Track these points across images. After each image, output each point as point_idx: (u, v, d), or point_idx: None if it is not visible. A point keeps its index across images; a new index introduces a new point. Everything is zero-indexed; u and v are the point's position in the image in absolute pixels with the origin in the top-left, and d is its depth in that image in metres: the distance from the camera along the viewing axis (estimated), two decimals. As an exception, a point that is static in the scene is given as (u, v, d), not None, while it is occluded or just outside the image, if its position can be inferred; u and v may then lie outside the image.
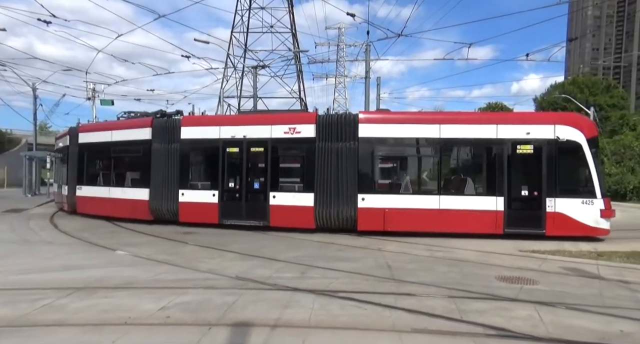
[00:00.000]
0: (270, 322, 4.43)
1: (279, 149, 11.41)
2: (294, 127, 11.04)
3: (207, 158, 12.32)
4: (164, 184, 12.07)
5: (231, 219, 11.42)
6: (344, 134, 10.75)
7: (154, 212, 12.30)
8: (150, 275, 6.47)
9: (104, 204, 13.22)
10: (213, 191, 11.63)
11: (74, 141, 14.54)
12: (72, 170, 14.63)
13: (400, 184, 10.95)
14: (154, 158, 12.26)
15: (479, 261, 7.95)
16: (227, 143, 11.58)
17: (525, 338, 4.13)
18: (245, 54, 33.51)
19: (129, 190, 12.87)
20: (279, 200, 11.07)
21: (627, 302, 5.43)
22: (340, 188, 10.68)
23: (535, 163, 10.21)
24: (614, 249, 9.01)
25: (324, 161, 10.77)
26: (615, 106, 42.12)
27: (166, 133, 12.22)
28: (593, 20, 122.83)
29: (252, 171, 11.55)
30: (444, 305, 5.09)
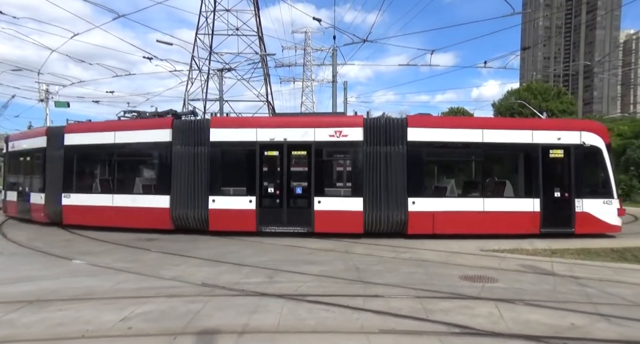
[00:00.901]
0: (237, 329, 4.36)
1: (324, 152, 11.05)
2: (340, 130, 10.75)
3: (241, 162, 11.57)
4: (190, 191, 11.11)
5: (271, 226, 10.88)
6: (392, 137, 10.71)
7: (176, 221, 11.28)
8: (110, 284, 6.18)
9: (105, 214, 11.71)
10: (250, 196, 10.95)
11: (56, 143, 12.61)
12: (52, 176, 12.63)
13: (447, 188, 11.09)
14: (175, 162, 11.22)
15: (443, 261, 8.19)
16: (266, 146, 10.98)
17: (487, 335, 4.30)
18: (211, 57, 32.89)
19: (142, 197, 11.59)
20: (325, 205, 10.72)
21: (577, 296, 5.77)
22: (389, 192, 10.61)
23: (565, 166, 10.91)
24: (565, 246, 9.56)
25: (372, 165, 10.64)
26: (565, 111, 44.81)
27: (191, 135, 11.26)
28: (544, 31, 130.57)
29: (293, 175, 11.07)
30: (411, 305, 5.21)
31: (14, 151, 14.90)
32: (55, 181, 12.62)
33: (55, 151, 12.68)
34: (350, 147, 10.85)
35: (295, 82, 53.68)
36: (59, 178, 12.49)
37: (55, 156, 12.63)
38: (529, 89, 47.14)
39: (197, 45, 32.33)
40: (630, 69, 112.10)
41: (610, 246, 9.65)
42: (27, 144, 14.01)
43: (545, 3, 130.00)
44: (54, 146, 12.74)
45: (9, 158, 15.44)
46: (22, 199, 14.01)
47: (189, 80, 31.08)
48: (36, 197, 13.25)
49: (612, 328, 4.51)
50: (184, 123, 11.64)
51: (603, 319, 4.78)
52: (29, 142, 13.90)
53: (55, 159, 12.61)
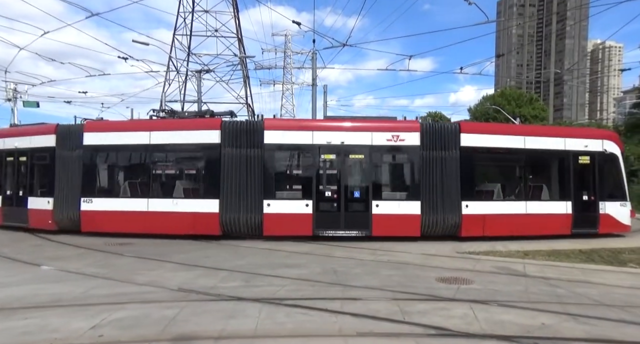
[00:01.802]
0: (214, 334, 4.29)
1: (381, 156, 11.13)
2: (397, 135, 10.85)
3: (297, 165, 11.38)
4: (242, 194, 10.71)
5: (328, 230, 10.73)
6: (447, 142, 10.97)
7: (225, 226, 10.84)
8: (80, 291, 5.96)
9: (137, 220, 10.90)
10: (306, 200, 10.75)
11: (70, 142, 11.57)
12: (65, 179, 11.52)
13: (493, 191, 11.42)
14: (225, 165, 10.78)
15: (421, 263, 8.30)
16: (323, 149, 10.87)
17: (462, 336, 4.38)
18: (189, 58, 32.40)
19: (186, 201, 10.99)
20: (383, 209, 10.74)
21: (548, 297, 5.96)
22: (444, 196, 10.80)
23: (590, 172, 11.75)
24: (537, 248, 9.87)
25: (429, 169, 10.82)
26: (537, 117, 46.41)
27: (242, 136, 10.86)
28: (517, 39, 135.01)
29: (351, 178, 11.11)
30: (388, 308, 5.25)
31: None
32: (69, 184, 11.50)
33: (68, 151, 11.59)
34: (407, 152, 11.07)
35: (275, 84, 53.48)
36: (76, 181, 11.44)
37: (68, 157, 11.56)
38: (503, 95, 48.60)
39: (174, 46, 31.75)
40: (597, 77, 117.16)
41: (579, 247, 10.01)
42: (24, 143, 12.42)
43: (518, 12, 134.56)
44: (66, 146, 11.64)
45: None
46: (14, 204, 12.46)
47: (166, 82, 30.47)
48: (39, 202, 11.90)
49: (580, 327, 4.68)
50: (235, 124, 11.18)
51: (571, 318, 4.95)
52: (27, 140, 12.37)
53: (70, 160, 11.54)
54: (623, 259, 8.91)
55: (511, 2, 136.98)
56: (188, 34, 32.31)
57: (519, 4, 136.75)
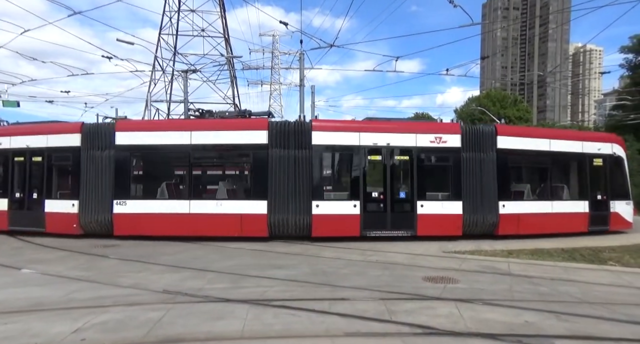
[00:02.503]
0: (201, 336, 4.26)
1: (425, 157, 11.28)
2: (440, 137, 11.10)
3: (344, 166, 11.37)
4: (290, 195, 10.64)
5: (375, 231, 10.83)
6: (485, 144, 11.32)
7: (273, 228, 10.72)
8: (62, 294, 5.84)
9: (179, 222, 10.64)
10: (354, 201, 10.78)
11: (98, 142, 11.09)
12: (93, 180, 11.01)
13: (524, 192, 11.86)
14: (272, 165, 10.67)
15: (408, 263, 8.38)
16: (370, 150, 10.96)
17: (447, 334, 4.44)
18: (175, 57, 32.06)
19: (232, 203, 10.76)
20: (427, 209, 10.94)
21: (531, 295, 6.08)
22: (483, 196, 11.15)
23: (602, 173, 12.60)
24: (521, 247, 10.05)
25: (469, 170, 11.14)
26: (521, 118, 47.28)
27: (290, 137, 10.79)
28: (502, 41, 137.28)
29: (396, 179, 11.16)
30: (376, 307, 5.29)
31: (3, 149, 11.97)
32: (98, 186, 11.01)
33: (97, 151, 11.08)
34: (449, 153, 11.22)
35: (263, 85, 53.28)
36: (107, 183, 10.99)
37: (97, 157, 11.07)
38: (488, 97, 49.37)
39: (160, 45, 31.42)
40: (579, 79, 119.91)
41: (561, 246, 10.23)
42: (38, 142, 11.67)
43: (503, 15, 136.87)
44: (95, 146, 11.12)
45: None
46: (25, 207, 11.67)
47: (151, 81, 30.11)
48: (59, 205, 11.27)
49: (561, 324, 4.79)
50: (282, 125, 11.06)
51: (553, 316, 5.06)
52: (42, 139, 11.64)
53: (99, 160, 11.05)
54: (603, 257, 9.14)
55: (496, 5, 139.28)
56: (174, 34, 31.99)
57: (503, 7, 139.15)
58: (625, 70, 33.54)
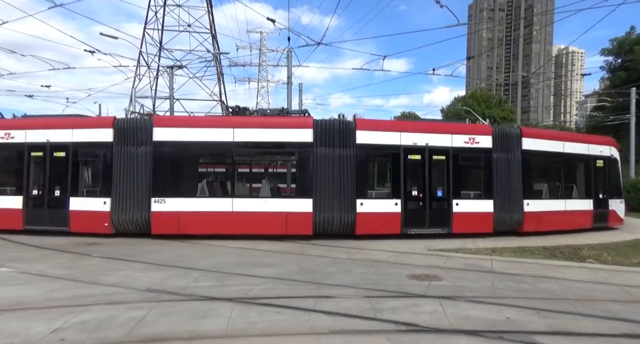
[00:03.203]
0: (185, 335, 4.21)
1: (460, 158, 11.49)
2: (473, 138, 11.50)
3: (386, 165, 11.55)
4: (335, 194, 10.69)
5: (414, 228, 11.07)
6: (512, 146, 11.82)
7: (318, 226, 10.72)
8: (42, 293, 5.70)
9: (221, 220, 10.45)
10: (395, 199, 10.97)
11: (133, 138, 10.72)
12: (127, 177, 10.68)
13: (542, 191, 12.56)
14: (318, 164, 10.69)
15: (394, 261, 8.44)
16: (409, 150, 11.17)
17: (431, 331, 4.49)
18: (160, 53, 31.58)
19: (277, 201, 10.70)
20: (462, 207, 11.27)
21: (513, 292, 6.20)
22: (511, 195, 11.62)
23: (603, 173, 13.53)
24: (504, 245, 10.24)
25: (499, 170, 11.59)
26: (505, 118, 48.08)
27: (335, 136, 10.85)
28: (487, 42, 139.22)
29: (434, 178, 11.36)
30: (361, 305, 5.31)
31: (17, 143, 11.22)
32: (134, 183, 10.67)
33: (132, 147, 10.72)
34: (481, 153, 11.60)
35: (250, 82, 52.85)
36: (144, 180, 10.65)
37: (132, 153, 10.71)
38: (473, 97, 50.04)
39: (145, 40, 30.93)
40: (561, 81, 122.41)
41: (543, 244, 10.46)
42: (61, 136, 11.05)
43: (488, 16, 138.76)
44: (129, 141, 10.75)
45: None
46: (45, 206, 11.04)
47: (136, 77, 29.62)
48: (88, 203, 10.81)
49: (542, 320, 4.89)
50: (327, 123, 11.05)
51: (534, 312, 5.17)
52: (66, 133, 11.03)
53: (134, 156, 10.70)
54: (582, 255, 9.38)
55: (482, 6, 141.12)
56: (159, 29, 31.53)
57: (489, 8, 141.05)
58: (605, 72, 34.36)
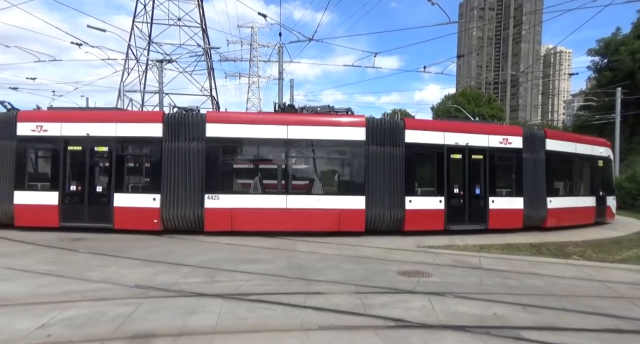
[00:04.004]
0: (174, 331, 4.18)
1: (495, 157, 12.02)
2: (506, 138, 12.12)
3: (431, 163, 11.77)
4: (386, 191, 10.91)
5: (456, 225, 11.51)
6: (538, 147, 12.53)
7: (370, 222, 10.90)
8: (27, 289, 5.61)
9: (275, 217, 10.50)
10: (440, 197, 11.39)
11: (186, 134, 10.55)
12: (184, 173, 10.47)
13: (559, 189, 13.39)
14: (370, 162, 10.87)
15: (383, 257, 8.49)
16: (451, 150, 11.63)
17: (420, 327, 4.54)
18: (150, 47, 31.12)
19: (330, 198, 10.82)
20: (497, 204, 11.85)
21: (500, 288, 6.29)
22: (537, 193, 12.31)
23: (602, 172, 14.76)
24: (492, 242, 10.37)
25: (528, 169, 12.24)
26: (494, 116, 48.47)
27: (386, 135, 11.06)
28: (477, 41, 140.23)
29: (472, 177, 11.82)
30: (350, 301, 5.34)
31: (52, 136, 10.67)
32: (185, 179, 10.50)
33: (183, 143, 10.57)
34: (513, 153, 12.21)
35: (241, 77, 52.44)
36: (197, 176, 10.49)
37: (184, 149, 10.55)
38: (463, 95, 50.44)
39: (134, 33, 30.42)
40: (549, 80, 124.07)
41: (530, 241, 10.63)
42: (104, 130, 10.63)
43: (479, 15, 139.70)
44: (180, 137, 10.59)
45: (29, 145, 10.91)
46: (85, 202, 10.63)
47: (124, 70, 29.16)
48: (135, 199, 10.54)
49: (528, 316, 4.98)
50: (378, 122, 11.28)
51: (520, 308, 5.26)
52: (109, 127, 10.63)
53: (186, 152, 10.53)
54: (568, 252, 9.56)
55: (472, 5, 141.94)
56: (149, 22, 31.04)
57: (479, 7, 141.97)
58: (592, 72, 34.90)
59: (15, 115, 10.83)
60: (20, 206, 10.53)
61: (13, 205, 10.54)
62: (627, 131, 29.34)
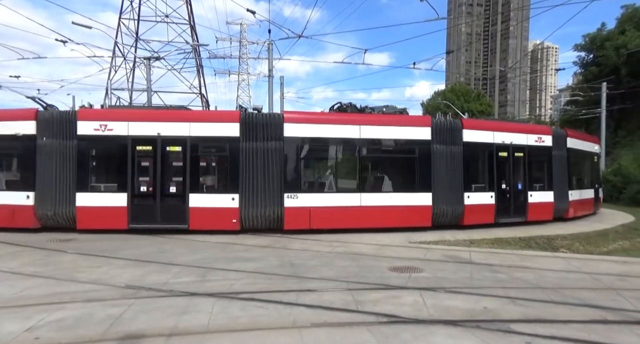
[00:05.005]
0: (165, 331, 4.15)
1: (532, 154, 13.01)
2: (540, 137, 13.20)
3: (484, 160, 12.45)
4: (449, 188, 11.50)
5: (504, 218, 12.34)
6: (562, 145, 13.77)
7: (435, 217, 11.44)
8: (14, 291, 5.51)
9: (351, 214, 10.79)
10: (490, 192, 12.17)
11: (265, 134, 10.63)
12: (263, 172, 10.56)
13: (575, 183, 14.62)
14: (435, 161, 11.44)
15: (375, 253, 8.53)
16: (499, 148, 12.47)
17: (411, 322, 4.57)
18: (137, 44, 30.69)
19: (400, 196, 11.22)
20: (534, 198, 12.92)
21: (490, 282, 6.37)
22: (562, 187, 13.52)
23: (597, 167, 16.86)
24: (482, 237, 10.49)
25: (556, 165, 13.43)
26: (483, 112, 48.98)
27: (446, 134, 11.67)
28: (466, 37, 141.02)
29: (515, 173, 12.76)
30: (342, 298, 5.36)
31: (118, 136, 10.32)
32: (264, 178, 10.54)
33: (260, 142, 10.59)
34: (546, 151, 13.32)
35: (230, 75, 51.99)
36: (275, 175, 10.56)
37: (261, 148, 10.57)
38: (453, 91, 50.72)
39: (120, 30, 29.97)
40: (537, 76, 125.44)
41: (519, 235, 10.77)
42: (177, 130, 10.44)
43: (467, 11, 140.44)
44: (257, 136, 10.61)
45: (92, 145, 10.42)
46: (156, 202, 10.42)
47: (111, 68, 28.74)
48: (212, 199, 10.44)
49: (517, 309, 5.05)
50: (441, 122, 11.84)
51: (510, 301, 5.33)
52: (185, 126, 10.49)
53: (263, 151, 10.57)
54: (556, 245, 9.71)
55: (461, 1, 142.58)
56: (135, 19, 30.60)
57: (467, 3, 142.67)
58: (578, 67, 35.34)
59: (76, 113, 10.46)
60: (83, 208, 10.22)
61: (75, 207, 10.23)
62: (613, 125, 29.85)
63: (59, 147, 10.36)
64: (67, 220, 10.40)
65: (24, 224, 10.30)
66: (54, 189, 10.32)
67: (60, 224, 10.45)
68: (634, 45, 27.49)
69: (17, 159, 10.91)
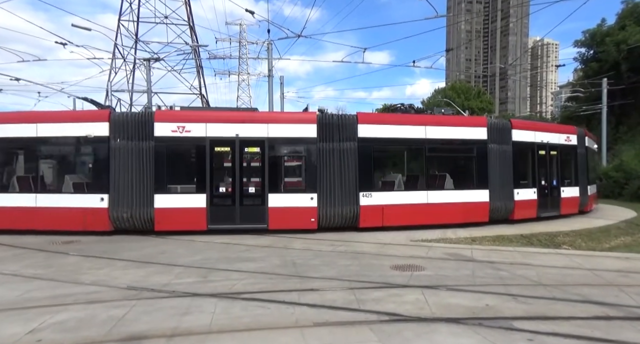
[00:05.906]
0: (167, 332, 4.16)
1: (563, 152, 13.96)
2: (568, 136, 14.19)
3: (527, 158, 13.15)
4: (502, 185, 12.17)
5: (544, 212, 13.16)
6: (582, 144, 14.68)
7: (492, 213, 12.05)
8: (17, 294, 5.53)
9: (419, 212, 11.26)
10: (533, 188, 13.04)
11: (339, 134, 10.85)
12: (336, 172, 10.80)
13: (589, 179, 15.54)
14: (490, 159, 12.04)
15: (377, 252, 8.53)
16: (539, 147, 13.28)
17: (413, 320, 4.57)
18: (136, 45, 30.72)
19: (460, 193, 11.79)
20: (565, 193, 13.86)
21: (492, 279, 6.36)
22: (584, 183, 14.61)
23: (594, 164, 17.65)
24: (484, 234, 10.48)
25: (581, 162, 14.45)
26: (484, 109, 48.88)
27: (500, 134, 12.33)
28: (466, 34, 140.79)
29: (551, 170, 13.61)
30: (344, 297, 5.36)
31: (196, 137, 10.39)
32: (341, 178, 10.82)
33: (336, 143, 10.84)
34: (573, 149, 14.34)
35: (230, 75, 51.95)
36: (351, 175, 10.88)
37: (336, 149, 10.85)
38: (453, 89, 50.64)
39: (120, 32, 30.02)
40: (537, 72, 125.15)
41: (521, 232, 10.76)
42: (255, 131, 10.57)
43: (467, 8, 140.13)
44: (333, 137, 10.86)
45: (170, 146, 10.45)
46: (236, 203, 10.52)
47: (111, 70, 28.77)
48: (292, 199, 10.68)
49: (519, 306, 5.05)
50: (495, 123, 12.53)
51: (512, 298, 5.32)
52: (263, 128, 10.58)
53: (338, 152, 10.85)
54: (558, 241, 9.70)
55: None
56: (135, 20, 30.63)
57: (467, 0, 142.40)
58: (578, 63, 35.24)
59: (153, 115, 10.46)
60: (161, 210, 10.24)
61: (153, 209, 10.22)
62: (614, 121, 29.76)
63: (134, 149, 10.31)
64: (144, 222, 10.36)
65: (96, 227, 10.20)
66: (131, 190, 10.24)
67: (136, 227, 10.39)
68: (634, 40, 27.39)
69: (89, 161, 10.88)
